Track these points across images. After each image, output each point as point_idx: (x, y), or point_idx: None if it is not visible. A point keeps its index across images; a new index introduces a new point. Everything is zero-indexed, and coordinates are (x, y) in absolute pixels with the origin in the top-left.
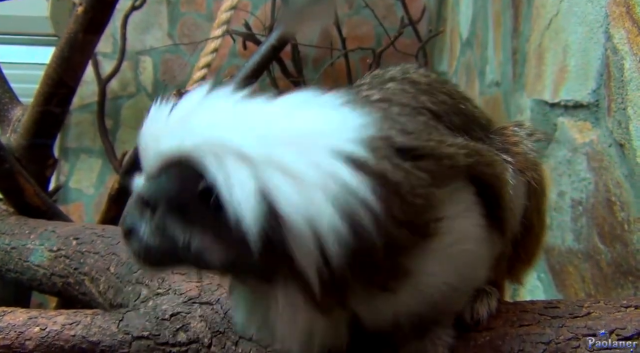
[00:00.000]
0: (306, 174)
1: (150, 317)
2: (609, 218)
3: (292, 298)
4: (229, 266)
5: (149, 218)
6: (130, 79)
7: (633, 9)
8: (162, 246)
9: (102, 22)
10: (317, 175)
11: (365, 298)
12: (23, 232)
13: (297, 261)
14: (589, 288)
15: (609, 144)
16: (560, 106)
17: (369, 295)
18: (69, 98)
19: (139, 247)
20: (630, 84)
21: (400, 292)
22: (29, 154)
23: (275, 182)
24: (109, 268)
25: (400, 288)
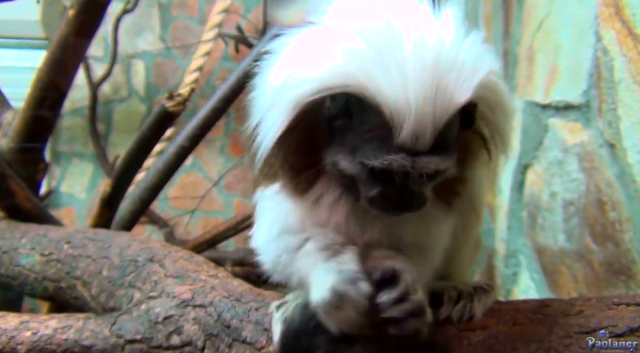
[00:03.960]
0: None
1: (143, 320)
2: (600, 218)
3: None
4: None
5: (435, 179)
6: (122, 82)
7: (622, 10)
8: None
9: (94, 25)
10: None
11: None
12: (14, 236)
13: None
14: (581, 288)
15: (600, 145)
16: (551, 107)
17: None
18: (60, 102)
19: (422, 207)
20: (621, 85)
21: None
22: (20, 158)
23: None
24: (101, 272)
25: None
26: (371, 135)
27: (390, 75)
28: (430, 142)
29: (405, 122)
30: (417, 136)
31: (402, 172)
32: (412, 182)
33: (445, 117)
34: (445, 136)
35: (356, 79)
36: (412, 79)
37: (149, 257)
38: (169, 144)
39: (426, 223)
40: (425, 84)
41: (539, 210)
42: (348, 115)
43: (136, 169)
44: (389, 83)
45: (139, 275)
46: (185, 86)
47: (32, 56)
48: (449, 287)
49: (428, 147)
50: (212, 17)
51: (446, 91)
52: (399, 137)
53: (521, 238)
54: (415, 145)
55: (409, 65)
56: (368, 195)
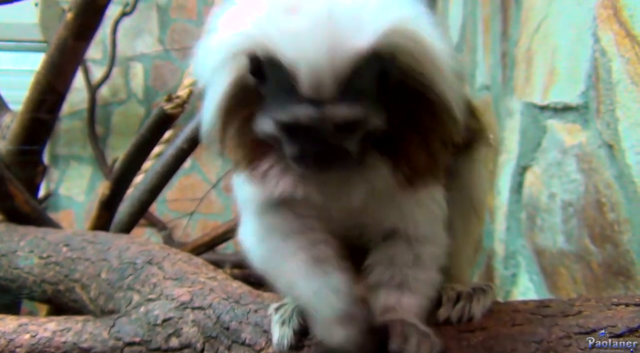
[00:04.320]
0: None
1: (142, 322)
2: (599, 220)
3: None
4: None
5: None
6: (121, 85)
7: (620, 12)
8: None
9: (92, 28)
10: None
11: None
12: (13, 239)
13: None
14: (580, 289)
15: (599, 146)
16: (550, 108)
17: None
18: (58, 104)
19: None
20: (619, 86)
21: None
22: (18, 161)
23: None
24: (99, 274)
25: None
26: (278, 91)
27: (285, 28)
28: (334, 91)
29: (303, 72)
30: (318, 85)
31: (313, 124)
32: (327, 135)
33: (346, 64)
34: (353, 85)
35: (257, 39)
36: (304, 28)
37: (148, 260)
38: (167, 146)
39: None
40: (318, 32)
41: (537, 212)
42: (263, 78)
43: (135, 171)
44: (284, 36)
45: (137, 277)
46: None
47: (31, 59)
48: (448, 287)
49: (333, 96)
50: None
51: (342, 38)
52: (301, 88)
53: (520, 240)
54: (318, 95)
55: (302, 15)
56: (290, 154)
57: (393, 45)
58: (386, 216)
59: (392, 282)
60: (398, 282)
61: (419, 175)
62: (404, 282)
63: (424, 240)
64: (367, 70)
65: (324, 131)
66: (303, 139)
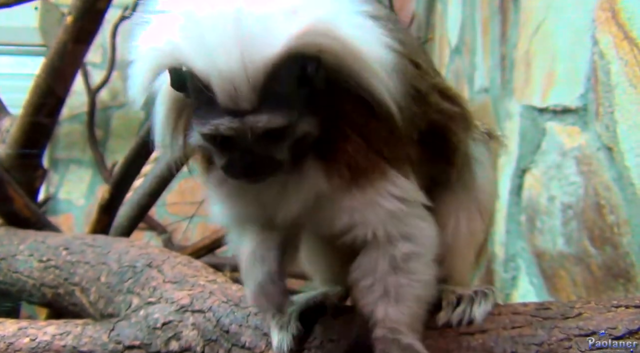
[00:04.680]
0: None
1: (141, 326)
2: (598, 222)
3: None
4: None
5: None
6: (120, 88)
7: (618, 14)
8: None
9: (92, 32)
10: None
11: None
12: (12, 243)
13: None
14: (580, 292)
15: (598, 148)
16: (549, 111)
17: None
18: (58, 108)
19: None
20: (617, 88)
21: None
22: (18, 165)
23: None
24: (99, 278)
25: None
26: (200, 103)
27: (195, 41)
28: (251, 100)
29: (216, 83)
30: (233, 95)
31: (234, 135)
32: (254, 145)
33: (262, 72)
34: (274, 92)
35: (172, 54)
36: (213, 39)
37: (148, 263)
38: None
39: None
40: (226, 41)
41: (537, 214)
42: (187, 92)
43: (135, 174)
44: (195, 48)
45: (137, 280)
46: None
47: (30, 63)
48: (448, 290)
49: (252, 105)
50: None
51: (252, 45)
52: (219, 100)
53: (520, 242)
54: (236, 105)
55: (209, 27)
56: (220, 165)
57: (310, 46)
58: (335, 220)
59: (376, 294)
60: (381, 293)
61: (363, 174)
62: (386, 291)
63: (393, 240)
64: (286, 76)
65: (247, 141)
66: (229, 149)
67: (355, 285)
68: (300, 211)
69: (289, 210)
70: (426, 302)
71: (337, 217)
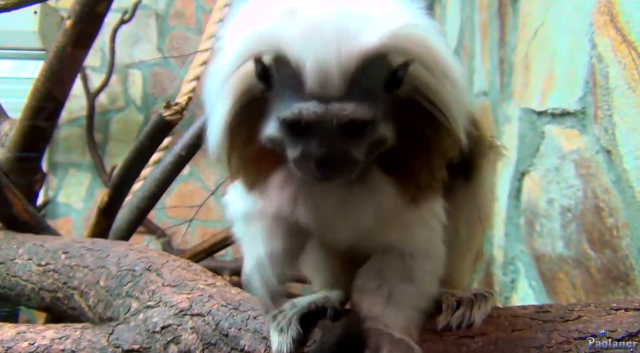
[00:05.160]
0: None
1: (140, 330)
2: (598, 225)
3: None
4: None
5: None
6: (119, 92)
7: (617, 18)
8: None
9: (91, 36)
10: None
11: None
12: (11, 247)
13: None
14: (579, 295)
15: (596, 151)
16: (548, 114)
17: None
18: (57, 112)
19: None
20: (616, 91)
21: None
22: (17, 168)
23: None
24: (98, 281)
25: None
26: (285, 89)
27: (292, 27)
28: (341, 88)
29: (309, 67)
30: (325, 81)
31: (317, 123)
32: (332, 136)
33: (354, 62)
34: (362, 85)
35: (265, 40)
36: (311, 25)
37: (147, 266)
38: (166, 153)
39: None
40: (324, 28)
41: (536, 217)
42: (269, 82)
43: (134, 178)
44: (292, 32)
45: (136, 284)
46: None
47: (30, 67)
48: (448, 293)
49: (340, 93)
50: (209, 27)
51: (351, 36)
52: (308, 85)
53: (519, 245)
54: (324, 91)
55: (310, 13)
56: (292, 157)
57: (401, 49)
58: (387, 235)
59: (379, 293)
60: (386, 294)
61: (422, 194)
62: (391, 294)
63: (418, 256)
64: (375, 73)
65: (328, 131)
66: (307, 140)
67: (360, 286)
68: (367, 224)
69: (358, 221)
70: (425, 312)
71: (390, 232)
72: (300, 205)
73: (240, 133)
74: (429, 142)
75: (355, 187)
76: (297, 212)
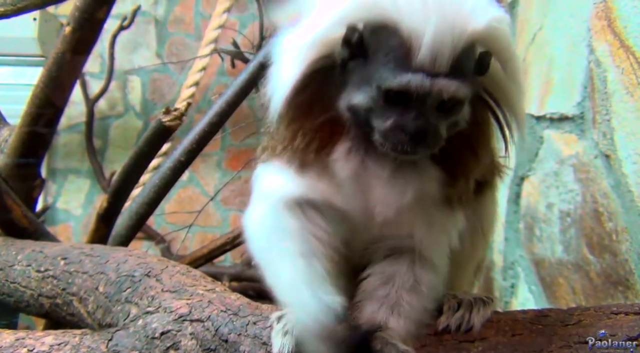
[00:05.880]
0: None
1: (140, 335)
2: (597, 229)
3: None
4: None
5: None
6: (119, 98)
7: (614, 23)
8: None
9: (90, 42)
10: None
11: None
12: (10, 253)
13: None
14: (579, 299)
15: (595, 155)
16: (546, 119)
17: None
18: (56, 118)
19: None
20: (614, 96)
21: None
22: (16, 175)
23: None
24: (97, 287)
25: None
26: (389, 59)
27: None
28: (448, 64)
29: (424, 40)
30: (436, 56)
31: (420, 96)
32: (429, 111)
33: (463, 41)
34: (463, 65)
35: (375, 4)
36: (431, 1)
37: (146, 272)
38: (165, 159)
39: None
40: (445, 5)
41: (535, 222)
42: (363, 51)
43: (133, 183)
44: (411, 4)
45: (135, 290)
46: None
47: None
48: (449, 295)
49: (447, 69)
50: (208, 33)
51: (465, 16)
52: (417, 57)
53: (518, 250)
54: (434, 66)
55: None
56: (382, 127)
57: (491, 42)
58: (414, 226)
59: (386, 301)
60: (392, 303)
61: (456, 195)
62: (397, 303)
63: (427, 265)
64: (471, 55)
65: (429, 104)
66: (403, 111)
67: (369, 290)
68: (410, 200)
69: (401, 196)
70: (421, 324)
71: (418, 224)
72: (362, 178)
73: (306, 100)
74: (482, 139)
75: (406, 167)
76: (357, 186)
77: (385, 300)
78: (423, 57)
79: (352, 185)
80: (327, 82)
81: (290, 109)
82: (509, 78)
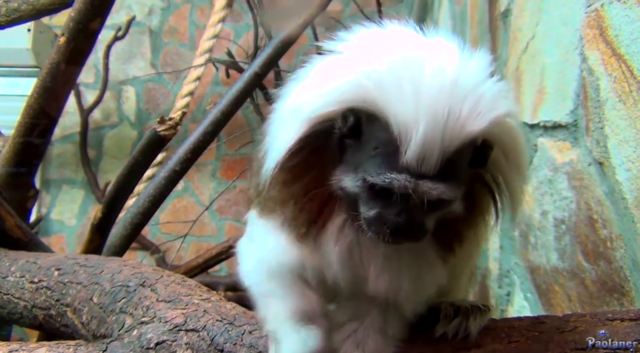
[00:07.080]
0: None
1: (134, 346)
2: (591, 236)
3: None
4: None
5: (438, 211)
6: (113, 108)
7: (606, 31)
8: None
9: (85, 53)
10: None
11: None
12: (3, 264)
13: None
14: (575, 307)
15: (589, 163)
16: (540, 127)
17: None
18: (50, 129)
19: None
20: (607, 104)
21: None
22: (9, 185)
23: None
24: (92, 298)
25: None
26: (377, 152)
27: (403, 92)
28: (436, 167)
29: (412, 141)
30: (423, 157)
31: (403, 194)
32: (413, 207)
33: (455, 144)
34: (454, 166)
35: (369, 93)
36: (425, 99)
37: (141, 282)
38: (160, 168)
39: (423, 268)
40: (438, 105)
41: (530, 229)
42: (358, 134)
43: (127, 193)
44: (401, 99)
45: (130, 300)
46: (176, 111)
47: (23, 84)
48: (447, 302)
49: (433, 172)
50: (203, 43)
51: (459, 117)
52: (404, 157)
53: (514, 258)
54: (420, 167)
55: (424, 85)
56: (366, 215)
57: (495, 138)
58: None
59: (353, 335)
60: (359, 339)
61: (446, 259)
62: (363, 341)
63: (398, 312)
64: (466, 152)
65: (411, 202)
66: (386, 204)
67: (339, 321)
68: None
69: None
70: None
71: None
72: (355, 254)
73: (300, 163)
74: (478, 218)
75: (402, 248)
76: (351, 261)
77: (354, 334)
78: (409, 158)
79: (346, 260)
80: (323, 149)
81: (284, 171)
82: (512, 168)
